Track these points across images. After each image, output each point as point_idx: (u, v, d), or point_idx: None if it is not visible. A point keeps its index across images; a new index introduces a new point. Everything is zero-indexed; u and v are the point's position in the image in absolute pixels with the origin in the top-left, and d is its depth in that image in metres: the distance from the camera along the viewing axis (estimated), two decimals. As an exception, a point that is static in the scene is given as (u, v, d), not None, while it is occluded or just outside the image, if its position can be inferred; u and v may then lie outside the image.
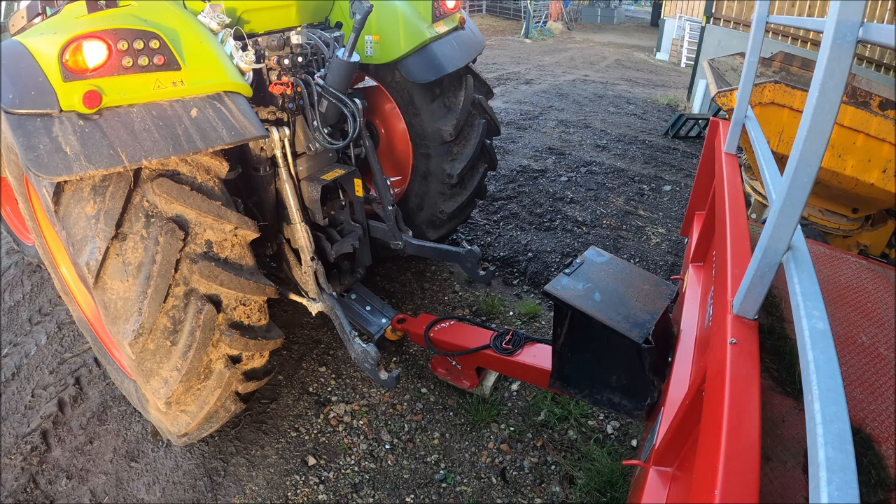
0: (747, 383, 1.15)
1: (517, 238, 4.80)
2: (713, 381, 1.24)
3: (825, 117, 1.02)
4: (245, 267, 2.28)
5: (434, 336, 2.96)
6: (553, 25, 22.64)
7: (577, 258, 2.37)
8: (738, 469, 0.98)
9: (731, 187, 2.11)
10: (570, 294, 2.13)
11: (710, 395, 1.23)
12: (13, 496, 2.52)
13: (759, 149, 1.99)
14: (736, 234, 1.74)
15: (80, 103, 1.83)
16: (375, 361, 2.63)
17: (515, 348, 2.67)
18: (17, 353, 3.37)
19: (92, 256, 1.91)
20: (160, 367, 2.09)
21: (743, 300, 1.31)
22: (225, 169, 2.24)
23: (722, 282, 1.55)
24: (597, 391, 2.21)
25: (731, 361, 1.19)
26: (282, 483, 2.60)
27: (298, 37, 2.73)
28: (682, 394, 1.81)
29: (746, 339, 1.26)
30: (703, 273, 2.58)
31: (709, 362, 1.34)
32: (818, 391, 0.86)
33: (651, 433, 1.86)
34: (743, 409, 1.09)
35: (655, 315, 2.06)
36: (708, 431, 1.15)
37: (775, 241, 1.19)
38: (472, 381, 3.04)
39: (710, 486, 0.98)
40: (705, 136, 8.31)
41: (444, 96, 3.33)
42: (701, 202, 3.10)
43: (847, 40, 0.98)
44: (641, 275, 2.33)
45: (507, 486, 2.62)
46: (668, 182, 6.22)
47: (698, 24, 11.58)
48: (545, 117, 8.67)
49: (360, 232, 3.24)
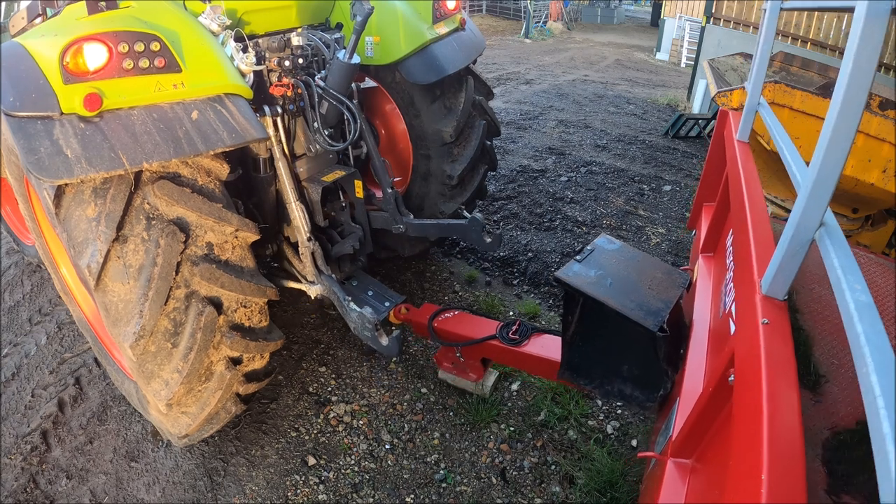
0: (784, 364, 1.10)
1: (517, 238, 4.80)
2: (744, 365, 1.20)
3: (860, 87, 1.01)
4: (246, 269, 2.28)
5: (438, 326, 2.87)
6: (553, 25, 22.63)
7: (588, 245, 2.30)
8: (782, 456, 0.93)
9: (746, 173, 2.10)
10: (582, 280, 2.06)
11: (742, 380, 1.19)
12: (13, 496, 2.53)
13: (777, 132, 1.98)
14: (757, 218, 1.72)
15: (80, 106, 1.83)
16: (374, 325, 2.55)
17: (522, 339, 2.59)
18: (17, 353, 3.38)
19: (93, 259, 1.91)
20: (161, 368, 2.10)
21: (772, 280, 1.28)
22: (226, 171, 2.25)
23: (745, 265, 1.51)
24: (608, 382, 2.15)
25: (766, 342, 1.15)
26: (282, 483, 2.61)
27: (299, 38, 2.73)
28: (698, 384, 1.79)
29: (778, 319, 1.22)
30: (715, 263, 2.55)
31: (736, 346, 1.30)
32: (873, 364, 0.83)
33: (666, 425, 1.82)
34: (781, 391, 1.04)
35: (669, 303, 2.00)
36: (743, 418, 1.10)
37: (807, 217, 1.16)
38: (478, 373, 2.96)
39: (751, 476, 0.94)
40: (706, 135, 8.30)
41: (444, 97, 3.33)
42: (710, 194, 3.09)
43: (882, 10, 0.98)
44: (653, 263, 2.27)
45: (507, 486, 2.63)
46: (668, 182, 6.22)
47: (698, 24, 11.58)
48: (545, 117, 8.67)
49: (361, 233, 3.24)
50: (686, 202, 5.71)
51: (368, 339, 2.62)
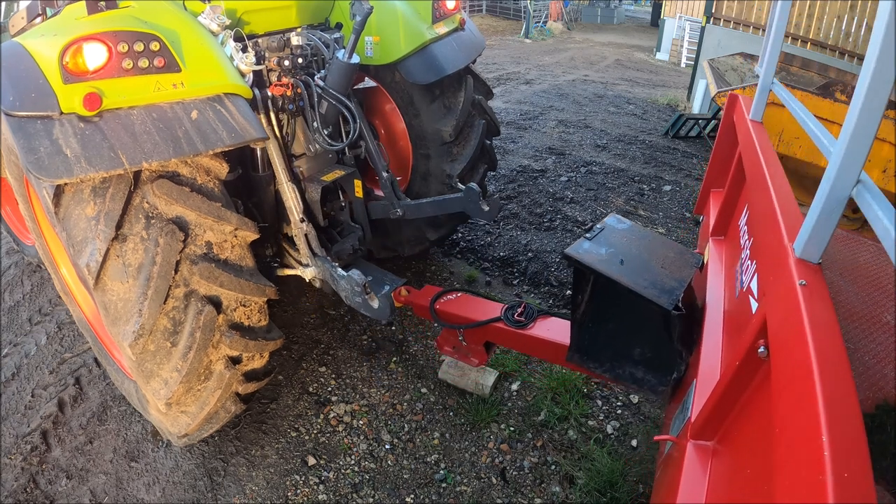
0: (828, 325, 1.03)
1: (517, 238, 4.80)
2: (780, 332, 1.13)
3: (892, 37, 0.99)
4: (245, 268, 2.28)
5: (440, 308, 2.76)
6: (553, 25, 22.63)
7: (598, 224, 2.22)
8: (842, 423, 0.83)
9: (763, 147, 2.08)
10: (593, 258, 1.97)
11: (780, 348, 1.12)
12: (13, 496, 2.53)
13: (794, 105, 1.97)
14: (778, 184, 1.69)
15: (80, 105, 1.83)
16: (362, 287, 2.48)
17: (528, 321, 2.49)
18: (17, 353, 3.38)
19: (92, 258, 1.92)
20: (160, 368, 2.10)
21: (807, 242, 1.23)
22: (225, 170, 2.25)
23: (772, 233, 1.47)
24: (618, 365, 2.06)
25: (806, 303, 1.08)
26: (282, 483, 2.61)
27: (298, 38, 2.73)
28: (715, 364, 1.75)
29: (815, 282, 1.17)
30: (726, 245, 2.53)
31: (768, 314, 1.24)
32: None
33: (682, 408, 1.78)
34: (830, 352, 0.95)
35: (683, 282, 1.93)
36: (787, 388, 1.01)
37: (843, 174, 1.12)
38: (481, 357, 2.84)
39: (808, 450, 0.83)
40: (706, 135, 8.29)
41: (443, 97, 3.33)
42: (718, 179, 3.09)
43: None
44: (665, 242, 2.20)
45: (507, 486, 2.63)
46: (668, 182, 6.22)
47: (698, 24, 11.58)
48: (545, 117, 8.67)
49: (361, 232, 3.23)
50: (686, 202, 5.71)
51: (360, 304, 2.54)
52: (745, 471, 1.21)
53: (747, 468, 1.20)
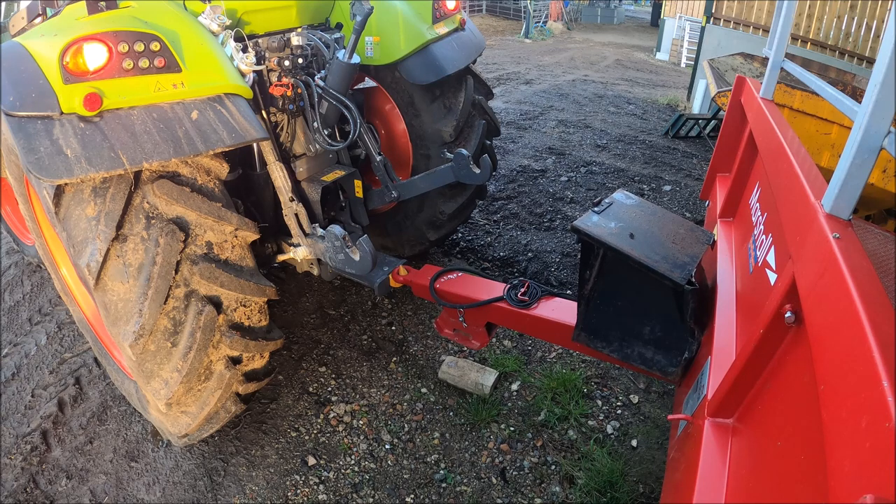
0: (869, 277, 0.96)
1: (517, 238, 4.80)
2: (815, 288, 1.07)
3: None
4: (245, 268, 2.28)
5: (440, 288, 2.66)
6: (553, 25, 22.64)
7: (606, 198, 2.15)
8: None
9: (777, 120, 2.06)
10: (603, 231, 1.87)
11: (817, 306, 1.05)
12: (13, 496, 2.53)
13: (808, 77, 1.96)
14: (796, 150, 1.67)
15: (80, 106, 1.83)
16: (342, 240, 2.39)
17: (532, 301, 2.39)
18: (17, 353, 3.38)
19: (92, 258, 1.92)
20: (161, 368, 2.10)
21: (837, 196, 1.18)
22: (225, 170, 2.25)
23: (797, 192, 1.43)
24: (627, 345, 1.99)
25: (843, 254, 1.02)
26: (282, 483, 2.61)
27: (299, 38, 2.73)
28: (730, 341, 1.70)
29: (848, 236, 1.11)
30: (736, 225, 2.51)
31: (798, 274, 1.17)
32: None
33: (696, 387, 1.73)
34: (877, 303, 0.88)
35: (695, 258, 1.87)
36: (829, 347, 0.93)
37: (875, 122, 1.08)
38: (482, 339, 2.72)
39: (873, 396, 0.75)
40: (706, 135, 8.27)
41: (444, 97, 3.33)
42: (725, 163, 3.09)
43: None
44: (674, 219, 2.13)
45: (507, 486, 2.63)
46: (668, 182, 6.22)
47: (698, 24, 11.58)
48: (545, 117, 8.67)
49: (361, 232, 3.23)
50: (686, 202, 5.71)
51: (343, 261, 2.45)
52: (775, 443, 1.16)
53: (777, 440, 1.15)
